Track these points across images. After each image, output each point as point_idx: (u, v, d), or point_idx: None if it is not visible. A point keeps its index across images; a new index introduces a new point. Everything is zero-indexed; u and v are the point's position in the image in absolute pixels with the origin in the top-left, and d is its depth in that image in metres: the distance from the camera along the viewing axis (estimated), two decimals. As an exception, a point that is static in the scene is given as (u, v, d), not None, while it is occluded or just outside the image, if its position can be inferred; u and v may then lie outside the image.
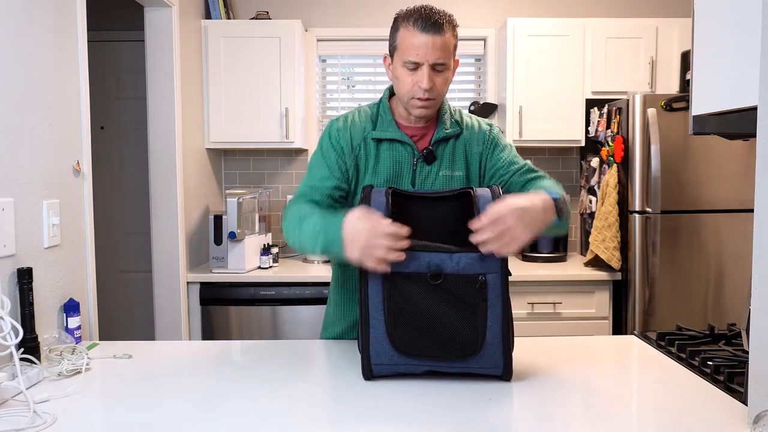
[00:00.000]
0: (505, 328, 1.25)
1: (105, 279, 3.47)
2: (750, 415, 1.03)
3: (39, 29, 1.58)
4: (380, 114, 1.52)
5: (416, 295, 1.23)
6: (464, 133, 1.54)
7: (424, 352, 1.23)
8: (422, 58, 1.38)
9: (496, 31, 3.41)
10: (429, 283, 1.22)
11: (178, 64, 2.78)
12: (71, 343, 1.54)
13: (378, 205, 1.26)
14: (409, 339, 1.23)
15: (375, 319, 1.25)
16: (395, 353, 1.24)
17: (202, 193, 3.15)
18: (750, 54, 1.14)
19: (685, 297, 2.76)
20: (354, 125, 1.52)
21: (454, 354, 1.23)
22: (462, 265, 1.23)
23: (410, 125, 1.51)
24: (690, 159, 2.74)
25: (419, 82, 1.40)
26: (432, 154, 1.49)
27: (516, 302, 2.84)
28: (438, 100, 1.46)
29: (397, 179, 1.49)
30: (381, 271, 1.22)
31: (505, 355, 1.25)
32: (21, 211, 1.48)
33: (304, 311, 2.87)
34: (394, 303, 1.23)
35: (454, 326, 1.22)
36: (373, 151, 1.50)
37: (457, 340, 1.22)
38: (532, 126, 3.13)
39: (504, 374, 1.28)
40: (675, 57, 3.09)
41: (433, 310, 1.23)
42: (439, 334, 1.22)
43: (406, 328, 1.23)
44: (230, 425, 1.08)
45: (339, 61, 3.53)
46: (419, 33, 1.37)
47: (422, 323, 1.23)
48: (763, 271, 1.01)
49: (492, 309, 1.23)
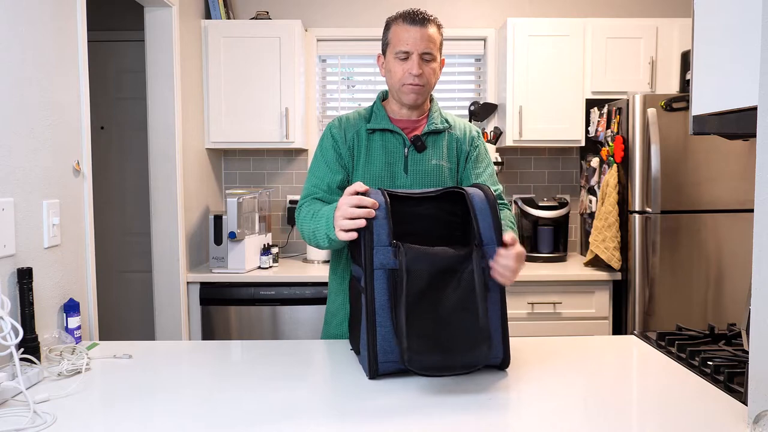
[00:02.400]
0: (503, 318, 1.30)
1: (105, 279, 3.47)
2: (750, 415, 1.03)
3: (39, 29, 1.58)
4: (374, 111, 1.64)
5: (429, 292, 1.24)
6: (455, 131, 1.65)
7: (448, 346, 1.22)
8: (412, 47, 1.52)
9: (496, 31, 3.41)
10: (438, 279, 1.25)
11: (178, 64, 2.78)
12: (71, 343, 1.54)
13: (379, 207, 1.30)
14: (431, 336, 1.22)
15: (381, 317, 1.26)
16: (422, 352, 1.23)
17: (202, 193, 3.15)
18: (750, 54, 1.14)
19: (685, 297, 2.76)
20: (348, 122, 1.63)
21: (478, 341, 1.23)
22: (466, 260, 1.27)
23: (402, 119, 1.62)
24: (690, 159, 2.74)
25: (410, 70, 1.52)
26: (420, 140, 1.59)
27: (516, 302, 2.84)
28: (427, 88, 1.57)
29: (390, 167, 1.58)
30: (350, 239, 1.30)
31: (504, 343, 1.31)
32: (21, 211, 1.48)
33: (304, 311, 2.87)
34: (408, 301, 1.23)
35: (470, 317, 1.24)
36: (365, 142, 1.59)
37: (476, 327, 1.23)
38: (532, 126, 3.13)
39: (503, 363, 1.32)
40: (675, 57, 3.09)
41: (446, 305, 1.24)
42: (459, 326, 1.23)
43: (423, 324, 1.23)
44: (230, 425, 1.08)
45: (339, 61, 3.53)
46: (408, 26, 1.53)
47: (439, 319, 1.24)
48: (763, 271, 1.01)
49: (491, 301, 1.29)
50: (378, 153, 1.58)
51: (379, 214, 1.28)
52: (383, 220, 1.28)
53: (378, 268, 1.26)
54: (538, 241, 3.20)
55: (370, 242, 1.27)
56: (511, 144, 3.16)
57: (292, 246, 3.49)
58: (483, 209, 1.31)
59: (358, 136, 1.60)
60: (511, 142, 3.15)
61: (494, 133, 3.24)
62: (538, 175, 3.51)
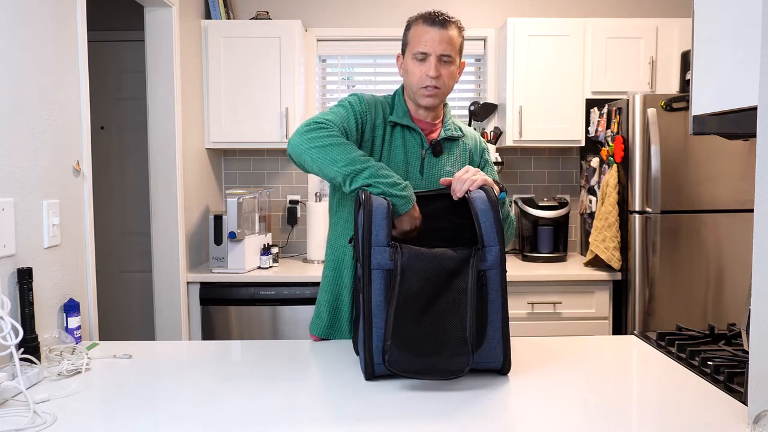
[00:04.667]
0: (505, 323, 1.29)
1: (105, 279, 3.47)
2: (750, 415, 1.03)
3: (39, 29, 1.58)
4: (396, 103, 1.60)
5: (422, 294, 1.25)
6: (467, 140, 1.66)
7: (430, 350, 1.24)
8: (430, 48, 1.50)
9: (496, 31, 3.41)
10: (433, 281, 1.25)
11: (178, 64, 2.78)
12: (71, 343, 1.54)
13: (379, 207, 1.30)
14: (416, 338, 1.23)
15: (378, 317, 1.26)
16: (403, 352, 1.24)
17: (202, 193, 3.15)
18: (750, 54, 1.14)
19: (685, 297, 2.76)
20: (377, 106, 1.59)
21: (462, 350, 1.24)
22: (464, 263, 1.26)
23: (420, 119, 1.60)
24: (690, 159, 2.74)
25: (427, 72, 1.51)
26: (440, 145, 1.58)
27: (516, 302, 2.84)
28: (443, 91, 1.55)
29: (407, 166, 1.57)
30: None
31: (505, 348, 1.30)
32: (21, 211, 1.48)
33: (304, 311, 2.87)
34: (402, 302, 1.24)
35: (459, 322, 1.24)
36: (388, 135, 1.57)
37: (462, 336, 1.24)
38: (532, 126, 3.13)
39: (503, 368, 1.31)
40: (675, 57, 3.09)
41: (438, 307, 1.25)
42: (445, 331, 1.24)
43: (410, 325, 1.24)
44: (230, 425, 1.08)
45: (339, 61, 3.53)
46: (428, 27, 1.51)
47: (427, 321, 1.24)
48: (763, 271, 1.01)
49: (492, 304, 1.28)
50: (398, 150, 1.56)
51: (377, 215, 1.29)
52: (382, 221, 1.28)
53: (375, 268, 1.27)
54: (538, 241, 3.20)
55: (368, 242, 1.28)
56: (511, 144, 3.16)
57: (292, 246, 3.49)
58: (485, 210, 1.31)
59: (384, 125, 1.57)
60: (511, 142, 3.15)
61: (494, 133, 3.24)
62: (538, 175, 3.51)
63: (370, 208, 1.29)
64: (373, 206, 1.30)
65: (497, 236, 1.29)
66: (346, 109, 1.53)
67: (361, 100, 1.56)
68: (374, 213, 1.29)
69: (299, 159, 1.45)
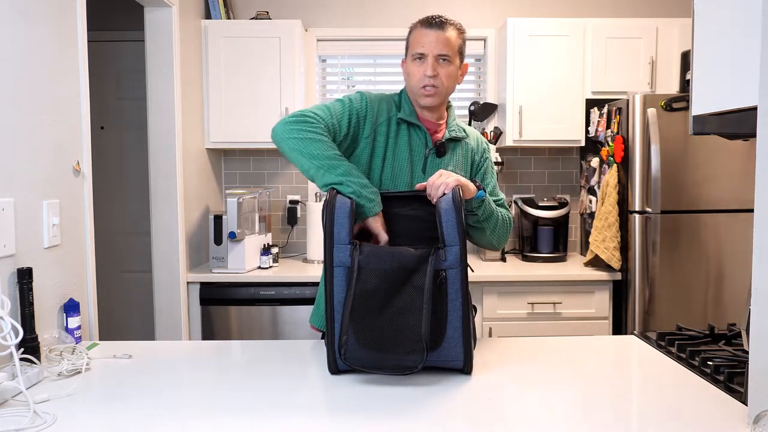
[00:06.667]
0: (465, 322, 1.30)
1: (105, 279, 3.47)
2: (750, 415, 1.03)
3: (39, 29, 1.58)
4: (402, 102, 1.62)
5: (379, 291, 1.27)
6: (470, 141, 1.68)
7: (385, 346, 1.26)
8: (427, 49, 1.54)
9: (496, 31, 3.41)
10: (391, 279, 1.27)
11: (178, 64, 2.77)
12: (71, 343, 1.54)
13: (342, 206, 1.32)
14: (371, 334, 1.26)
15: (339, 313, 1.30)
16: (359, 347, 1.27)
17: (202, 193, 3.15)
18: (750, 54, 1.14)
19: (685, 297, 2.76)
20: (381, 103, 1.60)
21: (416, 347, 1.25)
22: (423, 261, 1.29)
23: (425, 119, 1.62)
24: (690, 159, 2.74)
25: (425, 71, 1.53)
26: (444, 146, 1.60)
27: (516, 302, 2.84)
28: (442, 90, 1.57)
29: (410, 164, 1.57)
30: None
31: (466, 348, 1.30)
32: (21, 211, 1.48)
33: (304, 311, 2.87)
34: (357, 299, 1.27)
35: (415, 320, 1.26)
36: (394, 132, 1.58)
37: (417, 334, 1.25)
38: (532, 126, 3.13)
39: (464, 367, 1.32)
40: (675, 57, 3.09)
41: (396, 305, 1.27)
42: (400, 329, 1.26)
43: (367, 321, 1.27)
44: (230, 425, 1.08)
45: (339, 61, 3.53)
46: (426, 30, 1.55)
47: (384, 318, 1.26)
48: (763, 271, 1.01)
49: (452, 303, 1.30)
50: (404, 147, 1.57)
51: (340, 213, 1.31)
52: (344, 219, 1.31)
53: (337, 265, 1.31)
54: (538, 241, 3.20)
55: (330, 240, 1.31)
56: (511, 144, 3.16)
57: (292, 246, 3.49)
58: (447, 210, 1.32)
59: (389, 123, 1.58)
60: (511, 142, 3.15)
61: (494, 133, 3.24)
62: (538, 175, 3.51)
63: (333, 206, 1.32)
64: (336, 205, 1.32)
65: (458, 236, 1.30)
66: (343, 105, 1.54)
67: (363, 98, 1.57)
68: (337, 211, 1.32)
69: (279, 146, 1.48)
